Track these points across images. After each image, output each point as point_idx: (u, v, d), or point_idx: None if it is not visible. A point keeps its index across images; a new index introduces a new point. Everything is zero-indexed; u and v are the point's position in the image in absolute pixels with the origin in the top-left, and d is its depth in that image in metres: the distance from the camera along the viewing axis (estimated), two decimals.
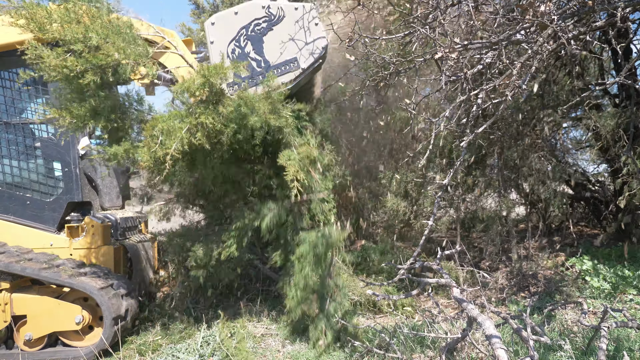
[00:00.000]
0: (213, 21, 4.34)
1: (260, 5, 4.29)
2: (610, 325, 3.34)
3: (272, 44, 4.30)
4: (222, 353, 3.96)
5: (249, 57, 4.32)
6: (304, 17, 4.28)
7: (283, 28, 4.29)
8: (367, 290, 4.05)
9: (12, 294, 4.53)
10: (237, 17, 4.31)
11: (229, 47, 4.31)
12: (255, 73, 4.34)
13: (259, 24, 4.30)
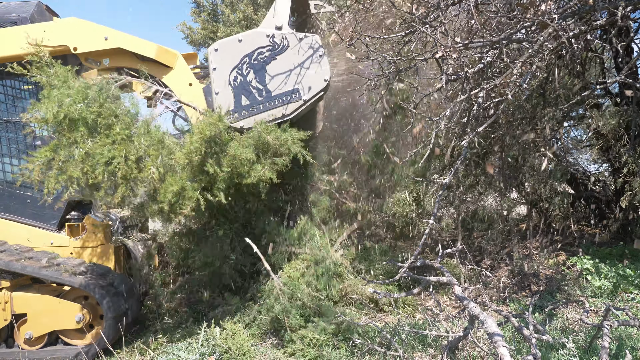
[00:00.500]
0: (216, 47, 4.31)
1: (265, 34, 4.27)
2: (612, 323, 3.33)
3: (274, 74, 4.28)
4: (222, 351, 3.95)
5: (250, 86, 4.29)
6: (308, 48, 4.25)
7: (287, 58, 4.26)
8: (369, 289, 4.04)
9: (12, 293, 4.52)
10: (240, 45, 4.28)
11: (231, 75, 4.29)
12: (255, 102, 4.31)
13: (262, 53, 4.28)
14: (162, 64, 4.76)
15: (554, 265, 5.98)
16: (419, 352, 3.62)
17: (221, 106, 4.30)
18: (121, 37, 4.73)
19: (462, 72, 2.90)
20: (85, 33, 4.70)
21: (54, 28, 4.71)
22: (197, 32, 9.45)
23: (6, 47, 4.72)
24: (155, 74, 4.88)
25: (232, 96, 4.31)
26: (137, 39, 4.76)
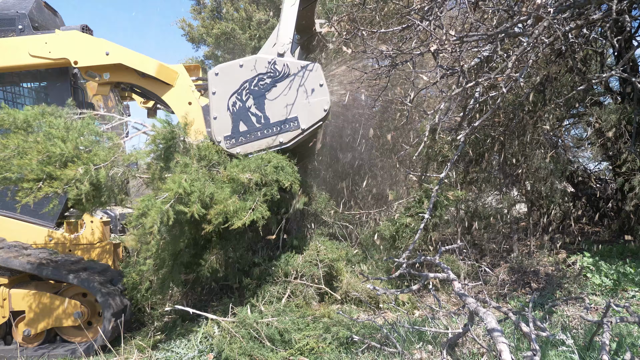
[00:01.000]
0: (217, 72, 4.30)
1: (267, 60, 4.25)
2: (612, 320, 3.31)
3: (274, 101, 4.25)
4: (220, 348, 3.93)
5: (249, 112, 4.27)
6: (309, 76, 4.22)
7: (287, 85, 4.23)
8: (367, 285, 4.03)
9: (10, 290, 4.51)
10: (241, 70, 4.26)
11: (230, 100, 4.27)
12: (253, 129, 4.28)
13: (262, 79, 4.25)
14: (162, 81, 4.76)
15: (554, 263, 5.96)
16: (417, 349, 3.60)
17: (218, 131, 4.30)
18: (122, 52, 4.73)
19: (458, 67, 2.88)
20: (87, 47, 4.70)
21: (56, 40, 4.70)
22: (197, 29, 9.44)
23: (6, 58, 4.74)
24: (155, 90, 4.90)
25: (230, 121, 4.29)
26: (138, 56, 4.76)
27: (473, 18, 3.02)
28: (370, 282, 3.97)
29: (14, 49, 4.70)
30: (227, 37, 7.92)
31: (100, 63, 4.70)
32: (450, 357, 3.42)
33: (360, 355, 3.70)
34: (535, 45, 2.82)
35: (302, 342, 3.88)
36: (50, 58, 4.67)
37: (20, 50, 4.68)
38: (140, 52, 4.75)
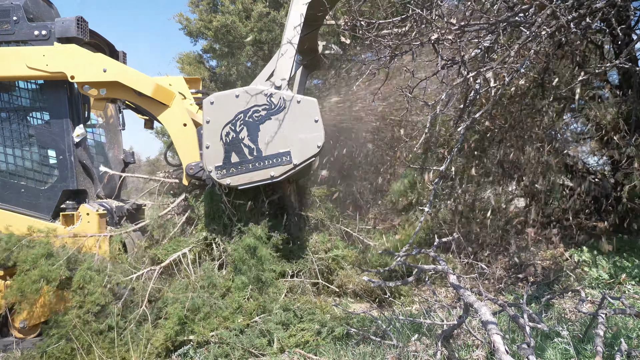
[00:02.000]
0: (212, 100, 4.26)
1: (263, 92, 4.21)
2: (608, 312, 3.31)
3: (267, 133, 4.22)
4: None
5: (242, 143, 4.23)
6: (305, 111, 4.19)
7: (282, 119, 4.20)
8: (363, 277, 4.02)
9: (5, 282, 4.51)
10: (237, 101, 4.23)
11: (224, 130, 4.24)
12: (245, 160, 4.25)
13: (257, 111, 4.22)
14: (158, 101, 4.75)
15: (552, 257, 5.95)
16: (413, 341, 3.60)
17: (210, 160, 4.28)
18: (120, 70, 4.72)
19: (458, 58, 2.86)
20: (84, 63, 4.69)
21: (53, 54, 4.69)
22: (195, 22, 9.40)
23: (4, 68, 4.74)
24: (150, 109, 4.89)
25: (222, 152, 4.26)
26: (135, 74, 4.75)
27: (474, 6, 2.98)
28: (366, 274, 3.97)
29: (11, 59, 4.71)
30: (226, 30, 7.90)
31: (97, 80, 4.70)
32: (445, 348, 3.42)
33: (356, 348, 3.70)
34: (536, 35, 2.78)
35: (297, 335, 3.88)
36: (47, 71, 4.68)
37: (18, 61, 4.69)
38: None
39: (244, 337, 3.81)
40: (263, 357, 3.72)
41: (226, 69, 8.63)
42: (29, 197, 5.01)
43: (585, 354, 3.19)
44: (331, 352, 3.69)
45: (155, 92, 4.70)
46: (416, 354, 3.39)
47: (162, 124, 4.89)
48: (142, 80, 4.71)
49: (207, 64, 9.67)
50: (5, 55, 4.73)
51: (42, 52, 4.69)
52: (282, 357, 3.71)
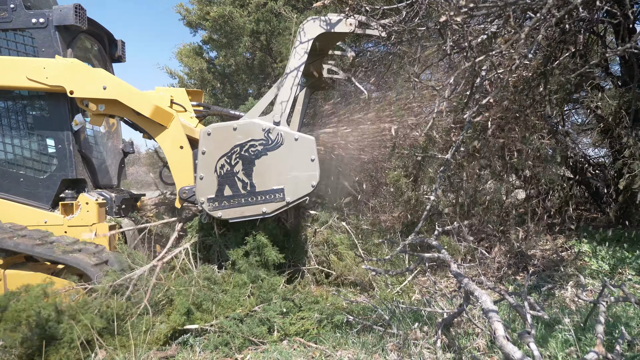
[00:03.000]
0: (209, 131, 4.23)
1: (261, 127, 4.17)
2: (608, 300, 3.30)
3: (262, 169, 4.19)
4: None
5: (236, 177, 4.21)
6: (302, 149, 4.17)
7: (278, 155, 4.18)
8: (363, 265, 4.02)
9: (5, 270, 4.50)
10: (234, 133, 4.19)
11: (219, 162, 4.21)
12: (238, 194, 4.23)
13: (254, 146, 4.18)
14: (156, 122, 4.74)
15: (552, 248, 5.95)
16: (414, 330, 3.60)
17: (202, 191, 4.26)
18: (120, 88, 4.68)
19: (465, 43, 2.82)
20: (84, 79, 4.66)
21: (53, 67, 4.67)
22: (195, 12, 9.32)
23: (4, 77, 4.74)
24: (148, 129, 4.88)
25: (215, 184, 4.24)
26: (135, 94, 4.73)
27: None
28: (367, 263, 3.96)
29: (11, 69, 4.70)
30: (224, 20, 7.85)
31: (96, 97, 4.68)
32: (445, 336, 3.42)
33: (356, 336, 3.70)
34: (545, 19, 2.74)
35: (297, 323, 3.88)
36: (46, 84, 4.67)
37: (17, 71, 4.68)
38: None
39: (244, 326, 3.81)
40: (263, 345, 3.72)
41: (224, 59, 8.58)
42: (28, 187, 4.99)
43: (585, 341, 3.19)
44: (331, 340, 3.69)
45: (153, 114, 4.68)
46: (416, 341, 3.39)
47: (159, 144, 4.91)
48: (141, 101, 4.69)
49: (207, 55, 9.64)
50: (6, 65, 4.73)
51: (42, 64, 4.68)
52: (282, 345, 3.70)
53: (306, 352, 3.56)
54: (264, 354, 3.55)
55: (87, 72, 4.70)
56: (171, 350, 3.70)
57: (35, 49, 5.00)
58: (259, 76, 8.28)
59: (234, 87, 9.13)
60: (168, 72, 9.78)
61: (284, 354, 3.50)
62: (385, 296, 4.47)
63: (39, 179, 5.01)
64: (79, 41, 5.40)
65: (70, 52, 5.11)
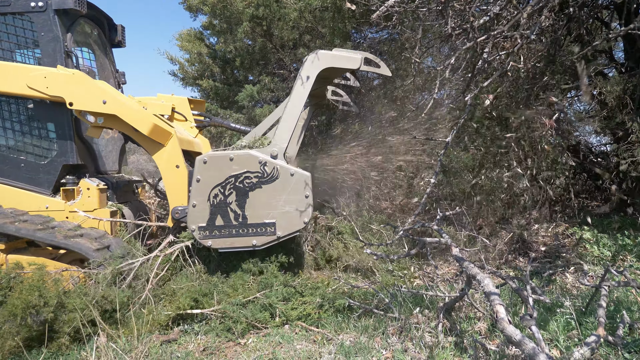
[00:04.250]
0: (206, 159, 4.20)
1: (258, 159, 4.15)
2: (610, 284, 3.30)
3: (256, 201, 4.17)
4: None
5: (228, 207, 4.18)
6: (297, 185, 4.14)
7: (272, 189, 4.15)
8: (366, 250, 4.02)
9: (7, 255, 4.50)
10: (230, 164, 4.17)
11: (213, 191, 4.19)
12: (229, 225, 4.21)
13: (249, 178, 4.16)
14: (154, 140, 4.74)
15: (553, 235, 5.95)
16: (415, 314, 3.60)
17: (194, 219, 4.24)
18: (119, 104, 4.65)
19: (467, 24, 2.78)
20: (85, 92, 4.63)
21: (54, 78, 4.64)
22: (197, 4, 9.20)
23: (5, 84, 4.73)
24: (145, 146, 4.88)
25: (208, 213, 4.21)
26: (134, 110, 4.70)
27: None
28: (369, 247, 3.96)
29: (13, 76, 4.67)
30: (224, 5, 7.77)
31: (96, 110, 4.66)
32: (447, 320, 3.43)
33: (358, 321, 3.71)
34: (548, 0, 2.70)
35: (299, 308, 3.88)
36: (47, 94, 4.65)
37: (18, 79, 4.65)
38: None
39: (247, 311, 3.82)
40: (265, 329, 3.73)
41: (224, 45, 8.51)
42: (29, 172, 4.98)
43: (587, 325, 3.19)
44: (333, 324, 3.70)
45: (151, 132, 4.68)
46: (418, 325, 3.40)
47: (155, 161, 4.90)
48: (140, 118, 4.67)
49: (207, 40, 9.55)
50: (7, 72, 4.71)
51: (43, 73, 4.65)
52: (284, 329, 3.71)
53: (308, 336, 3.58)
54: (266, 337, 3.57)
55: (88, 85, 4.68)
56: (173, 334, 3.72)
57: (34, 33, 4.96)
58: (259, 62, 8.22)
59: (234, 74, 9.08)
60: (168, 57, 9.72)
61: (286, 337, 3.52)
62: (386, 281, 4.48)
63: (39, 165, 4.99)
64: (78, 25, 5.35)
65: (70, 36, 5.06)
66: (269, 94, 8.02)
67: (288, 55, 8.03)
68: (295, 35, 7.68)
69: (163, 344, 3.55)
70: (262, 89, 7.90)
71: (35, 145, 5.02)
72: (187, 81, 9.68)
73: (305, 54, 7.69)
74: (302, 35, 7.71)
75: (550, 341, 3.07)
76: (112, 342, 3.35)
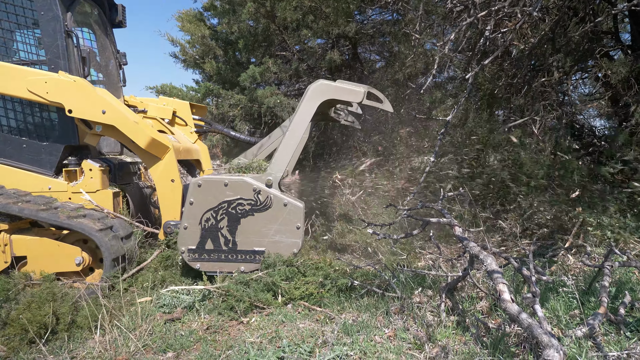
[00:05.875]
0: (200, 183, 4.18)
1: (252, 187, 4.14)
2: (613, 264, 3.31)
3: (247, 228, 4.17)
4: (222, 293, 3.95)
5: (219, 232, 4.18)
6: (289, 216, 4.14)
7: (264, 218, 4.15)
8: (368, 230, 4.03)
9: (11, 235, 4.51)
10: (224, 189, 4.15)
11: (205, 215, 4.18)
12: (219, 250, 4.21)
13: (242, 205, 4.15)
14: (151, 153, 4.75)
15: (555, 217, 5.94)
16: (417, 294, 3.62)
17: (184, 241, 4.25)
18: (118, 115, 4.64)
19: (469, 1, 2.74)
20: (84, 100, 4.61)
21: (55, 84, 4.59)
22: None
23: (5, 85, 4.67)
24: (141, 158, 4.93)
25: (198, 236, 4.22)
26: (133, 123, 4.68)
27: None
28: (371, 227, 3.97)
29: (13, 78, 4.62)
30: None
31: (94, 120, 4.67)
32: (449, 300, 3.44)
33: (360, 300, 3.73)
34: None
35: (302, 288, 3.90)
36: (46, 99, 4.61)
37: (19, 82, 4.61)
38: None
39: (250, 290, 3.84)
40: (268, 309, 3.75)
41: (227, 27, 8.42)
42: (31, 153, 4.97)
43: (589, 305, 3.20)
44: (335, 304, 3.73)
45: (149, 145, 4.70)
46: (420, 305, 3.41)
47: (150, 174, 4.92)
48: (138, 130, 4.68)
49: (209, 21, 9.44)
50: (9, 73, 4.65)
51: (44, 78, 4.61)
52: (287, 309, 3.74)
53: (310, 315, 3.60)
54: (269, 317, 3.59)
55: (89, 94, 4.64)
56: (177, 313, 3.74)
57: (34, 13, 4.90)
58: (262, 44, 8.14)
59: (236, 56, 9.00)
60: (169, 39, 9.63)
61: (289, 316, 3.54)
62: (389, 262, 4.50)
63: (41, 145, 4.98)
64: (78, 5, 5.28)
65: (70, 16, 5.00)
66: (272, 75, 7.96)
67: (291, 37, 7.94)
68: (299, 15, 7.58)
69: (167, 322, 3.58)
70: (265, 70, 7.84)
71: (37, 126, 5.00)
72: (188, 63, 9.61)
73: (308, 36, 7.63)
74: (306, 15, 7.61)
75: (551, 319, 3.09)
76: (116, 321, 3.38)
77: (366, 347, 2.91)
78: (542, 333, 2.35)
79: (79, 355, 3.05)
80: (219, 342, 3.21)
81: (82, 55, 5.14)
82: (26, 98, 4.71)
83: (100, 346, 3.08)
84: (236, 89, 8.33)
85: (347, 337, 3.10)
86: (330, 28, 7.37)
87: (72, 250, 4.49)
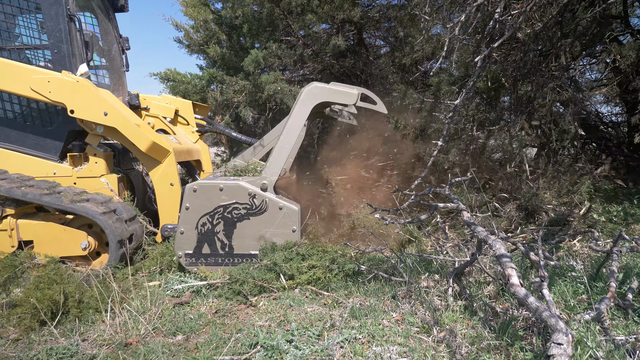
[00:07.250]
0: (195, 188, 4.15)
1: (247, 191, 4.11)
2: (621, 249, 3.29)
3: (243, 232, 4.15)
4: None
5: (216, 236, 4.17)
6: (285, 219, 4.12)
7: (260, 221, 4.13)
8: (375, 215, 4.02)
9: (18, 220, 4.52)
10: (220, 194, 4.13)
11: (201, 220, 4.16)
12: (215, 254, 4.20)
13: (238, 209, 4.13)
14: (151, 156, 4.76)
15: (562, 204, 5.93)
16: (424, 279, 3.62)
17: (180, 245, 4.23)
18: (120, 118, 4.64)
19: None
20: (87, 101, 4.62)
21: (58, 84, 4.58)
22: None
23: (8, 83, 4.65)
24: (142, 160, 4.99)
25: (195, 240, 4.20)
26: (134, 128, 4.68)
27: None
28: (379, 212, 3.95)
29: (17, 77, 4.60)
30: None
31: (96, 121, 4.68)
32: (457, 285, 3.44)
33: (367, 284, 3.73)
34: None
35: (309, 272, 3.90)
36: (49, 98, 4.59)
37: (22, 80, 4.59)
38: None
39: (253, 271, 3.85)
40: (275, 292, 3.76)
41: (231, 11, 8.32)
42: (36, 138, 4.95)
43: (597, 290, 3.20)
44: (342, 289, 3.73)
45: (149, 149, 4.73)
46: (428, 289, 3.42)
47: (150, 177, 4.96)
48: (139, 135, 4.69)
49: (213, 6, 9.34)
50: (13, 71, 4.62)
51: (47, 78, 4.58)
52: (294, 293, 3.74)
53: (318, 299, 3.61)
54: (277, 301, 3.60)
55: (91, 96, 4.63)
56: (185, 297, 3.76)
57: None
58: (266, 29, 8.04)
59: (240, 41, 8.90)
60: (174, 24, 9.53)
61: (297, 300, 3.55)
62: (396, 247, 4.49)
63: (46, 130, 4.96)
64: None
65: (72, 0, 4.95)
66: (276, 60, 7.88)
67: (296, 22, 7.84)
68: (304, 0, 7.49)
69: (175, 306, 3.59)
70: (269, 55, 7.76)
71: (42, 110, 4.98)
72: (193, 48, 9.52)
73: (313, 20, 7.53)
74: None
75: (559, 303, 3.09)
76: (126, 304, 3.39)
77: (374, 331, 2.91)
78: (551, 316, 2.34)
79: (90, 338, 3.07)
80: (228, 326, 3.22)
81: (84, 39, 5.09)
82: (30, 97, 4.69)
83: (111, 329, 3.09)
84: (240, 75, 8.25)
85: (355, 320, 3.11)
86: (335, 12, 7.27)
87: (78, 235, 4.50)
